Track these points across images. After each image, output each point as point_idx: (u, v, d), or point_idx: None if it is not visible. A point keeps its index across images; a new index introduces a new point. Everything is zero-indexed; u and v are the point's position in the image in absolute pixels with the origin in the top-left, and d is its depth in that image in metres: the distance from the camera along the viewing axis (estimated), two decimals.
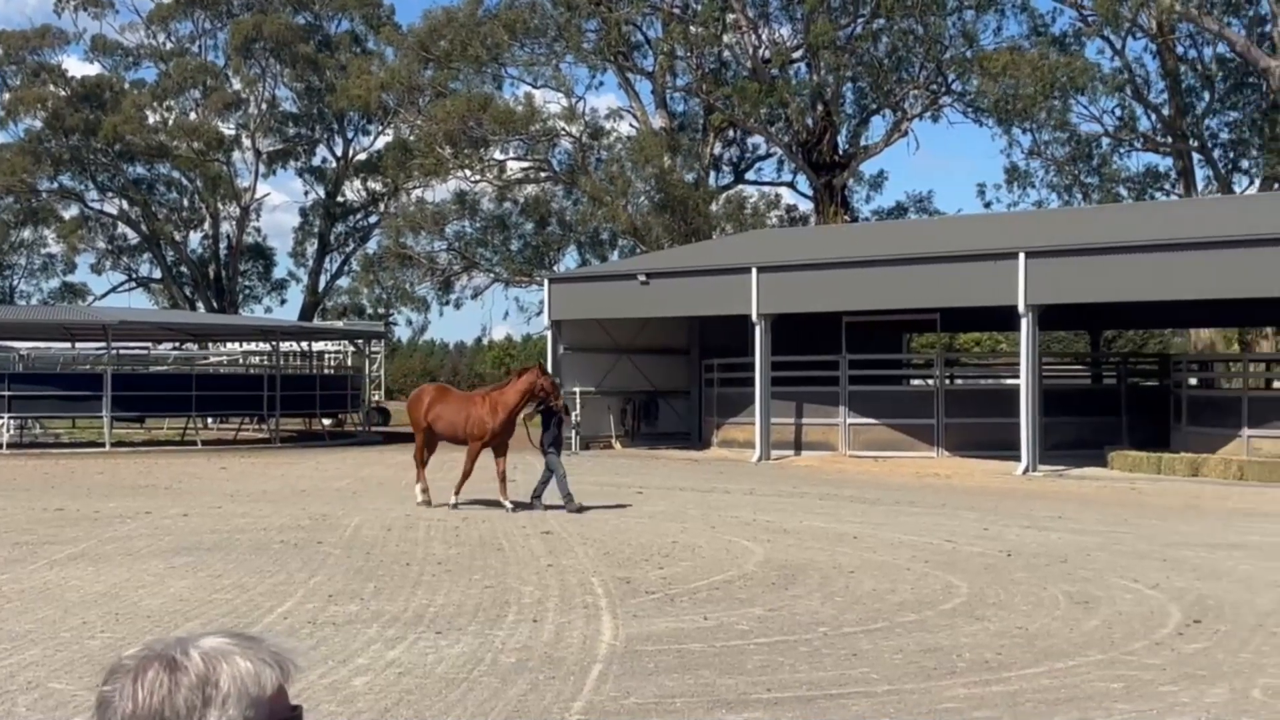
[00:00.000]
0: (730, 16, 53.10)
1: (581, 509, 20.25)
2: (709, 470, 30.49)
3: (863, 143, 55.99)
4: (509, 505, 20.29)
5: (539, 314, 47.25)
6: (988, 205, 55.56)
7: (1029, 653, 10.38)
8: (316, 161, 70.67)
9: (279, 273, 74.26)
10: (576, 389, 37.09)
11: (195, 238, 71.56)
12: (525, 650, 10.30)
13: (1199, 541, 17.46)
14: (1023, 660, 10.09)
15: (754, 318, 33.24)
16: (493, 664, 9.83)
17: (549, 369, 21.48)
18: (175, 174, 68.33)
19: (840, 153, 55.19)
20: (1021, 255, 29.03)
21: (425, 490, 21.20)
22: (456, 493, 20.86)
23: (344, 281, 70.89)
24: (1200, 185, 51.32)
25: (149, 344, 53.73)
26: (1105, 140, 52.78)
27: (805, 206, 59.26)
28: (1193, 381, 34.46)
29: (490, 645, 10.49)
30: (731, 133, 58.34)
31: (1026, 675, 9.57)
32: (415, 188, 59.66)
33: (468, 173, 56.29)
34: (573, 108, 55.94)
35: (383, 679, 9.32)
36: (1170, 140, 51.64)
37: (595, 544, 16.75)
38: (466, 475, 20.90)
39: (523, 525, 18.79)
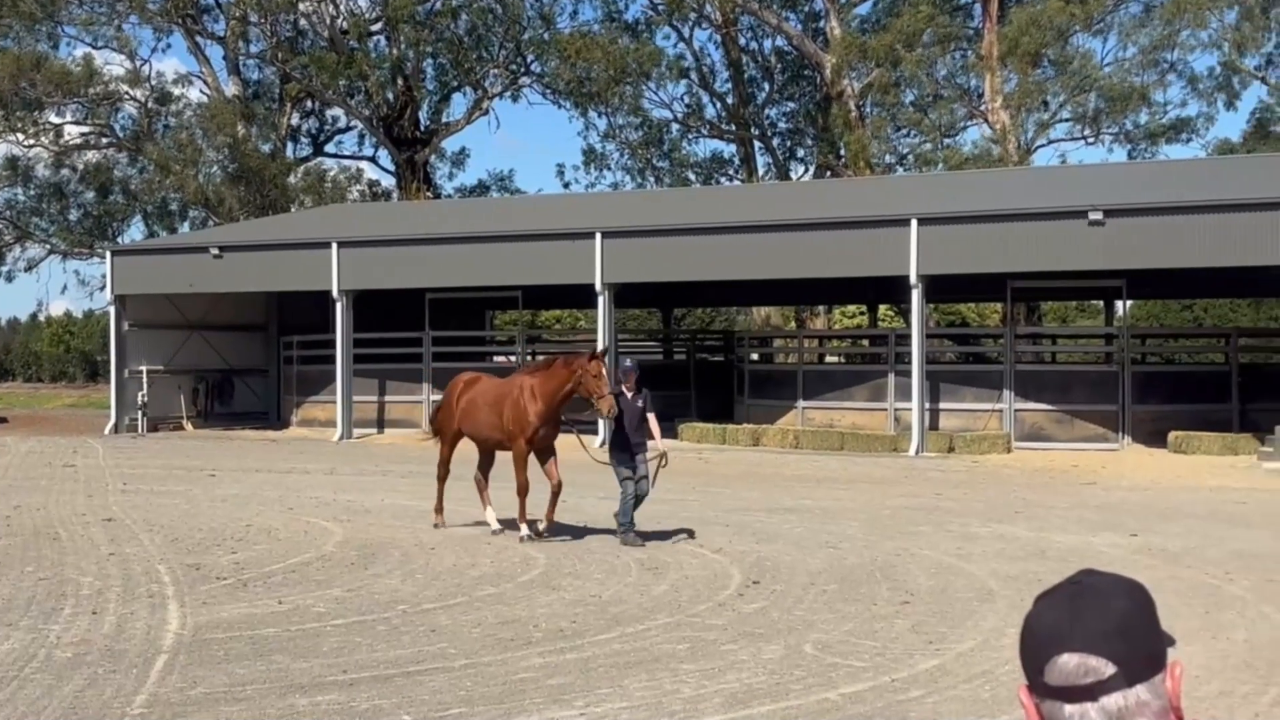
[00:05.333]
0: None
1: (632, 540, 14.72)
2: (288, 450, 29.73)
3: (444, 119, 56.03)
4: (538, 526, 15.22)
5: (102, 288, 44.55)
6: (567, 186, 56.92)
7: (602, 619, 10.71)
8: None
9: None
10: (143, 368, 35.28)
11: None
12: (83, 644, 9.71)
13: (759, 507, 18.56)
14: (596, 627, 10.40)
15: (335, 294, 32.64)
16: (47, 659, 9.21)
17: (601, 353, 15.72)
18: None
19: (422, 129, 55.00)
20: (598, 235, 29.89)
21: (488, 505, 15.95)
22: (522, 518, 15.24)
23: None
24: (761, 171, 54.45)
25: None
26: (675, 126, 55.12)
27: (388, 182, 58.75)
28: (754, 357, 36.54)
29: (44, 640, 9.82)
30: (310, 104, 56.97)
31: (599, 641, 9.87)
32: None
33: (20, 136, 52.37)
34: (137, 71, 53.04)
35: None
36: (734, 128, 54.48)
37: (162, 530, 15.99)
38: (523, 490, 15.29)
39: (82, 513, 17.69)
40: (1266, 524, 16.76)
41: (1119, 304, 38.75)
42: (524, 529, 15.11)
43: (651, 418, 15.21)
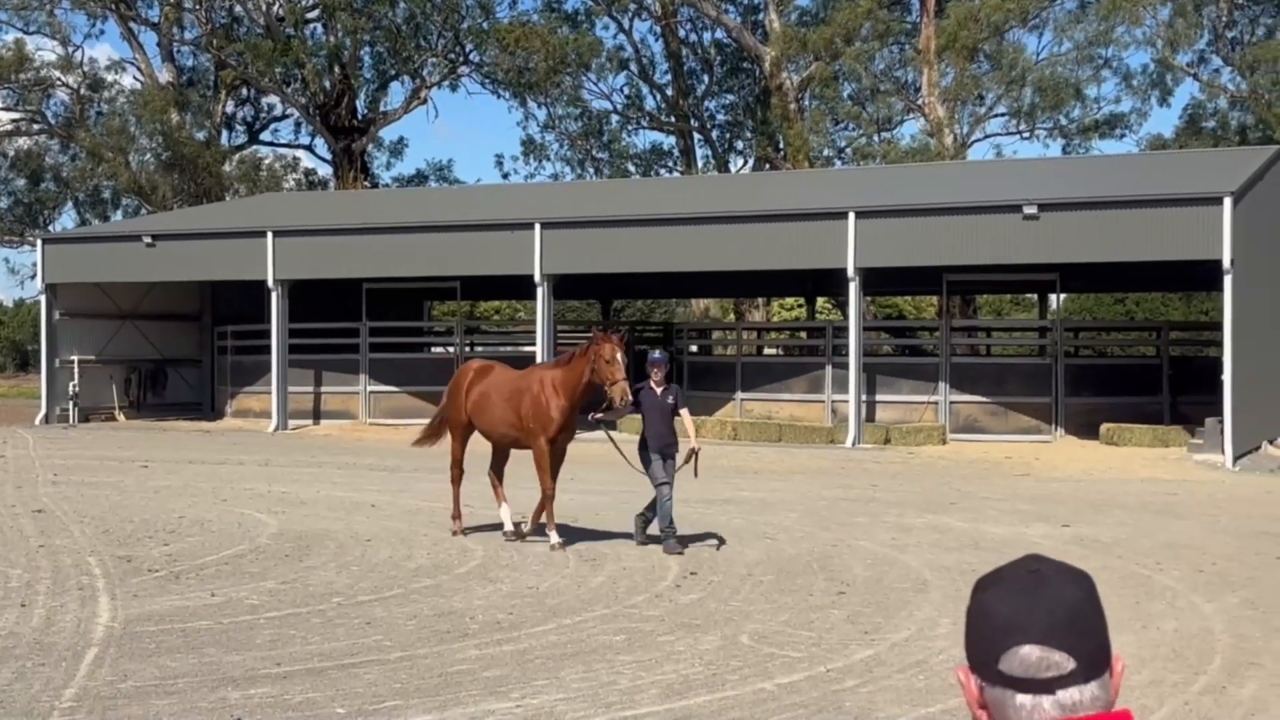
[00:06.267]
0: None
1: (676, 546, 13.64)
2: (222, 441, 29.42)
3: (382, 108, 55.64)
4: (538, 533, 14.24)
5: (33, 277, 43.84)
6: (506, 176, 56.75)
7: (539, 611, 10.68)
8: None
9: None
10: (74, 357, 34.76)
11: None
12: (11, 637, 9.55)
13: (697, 498, 18.53)
14: (533, 619, 10.37)
15: (270, 283, 32.31)
16: None
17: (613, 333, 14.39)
18: None
19: (359, 117, 54.56)
20: (537, 226, 29.79)
21: (506, 510, 14.92)
22: (548, 522, 14.13)
23: None
24: (700, 163, 54.52)
25: None
26: (615, 118, 55.10)
27: (324, 171, 58.29)
28: (693, 349, 36.60)
29: None
30: (245, 91, 56.34)
31: (536, 633, 9.85)
32: None
33: None
34: (69, 57, 52.23)
35: None
36: (674, 120, 54.50)
37: (93, 522, 15.77)
38: (550, 495, 14.11)
39: (12, 504, 17.41)
40: (1196, 515, 17.02)
41: (1053, 297, 39.16)
42: (553, 536, 13.93)
43: (685, 414, 14.21)
